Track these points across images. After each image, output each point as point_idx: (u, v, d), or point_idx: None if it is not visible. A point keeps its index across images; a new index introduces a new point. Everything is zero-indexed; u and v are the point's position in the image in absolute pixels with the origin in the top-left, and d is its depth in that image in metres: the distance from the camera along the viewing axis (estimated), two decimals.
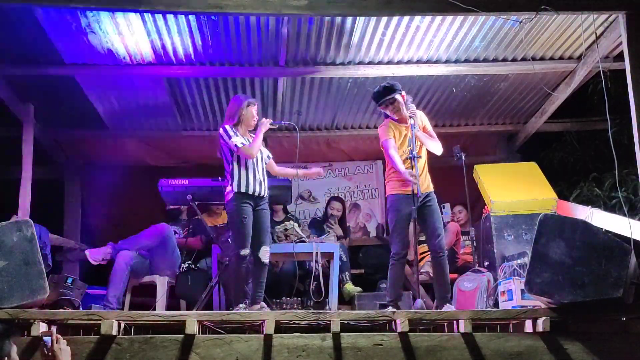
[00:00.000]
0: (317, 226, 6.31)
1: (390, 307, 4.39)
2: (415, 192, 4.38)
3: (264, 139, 4.81)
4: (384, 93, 4.67)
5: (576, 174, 6.90)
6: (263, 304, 4.54)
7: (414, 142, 4.47)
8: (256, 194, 4.56)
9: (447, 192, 6.14)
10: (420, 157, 4.51)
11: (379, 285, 5.89)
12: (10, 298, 3.68)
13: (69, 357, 2.80)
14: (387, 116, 4.77)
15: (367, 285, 6.05)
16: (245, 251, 4.46)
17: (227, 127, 4.62)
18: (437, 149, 4.72)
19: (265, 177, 4.71)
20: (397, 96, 4.65)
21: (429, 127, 4.80)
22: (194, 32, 5.07)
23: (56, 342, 2.74)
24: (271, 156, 4.92)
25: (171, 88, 6.06)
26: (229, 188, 4.56)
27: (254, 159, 4.61)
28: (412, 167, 4.47)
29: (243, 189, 4.52)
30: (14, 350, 2.76)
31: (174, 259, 5.29)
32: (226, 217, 5.09)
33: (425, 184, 4.63)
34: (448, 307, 4.34)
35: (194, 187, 4.79)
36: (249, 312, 4.21)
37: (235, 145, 4.52)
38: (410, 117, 4.60)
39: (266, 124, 4.70)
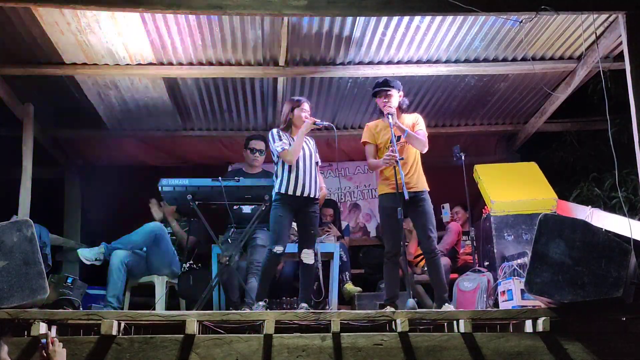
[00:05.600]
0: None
1: (388, 307, 4.38)
2: (401, 190, 4.32)
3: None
4: (382, 84, 4.69)
5: (576, 174, 6.90)
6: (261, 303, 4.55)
7: (394, 144, 4.46)
8: (297, 194, 4.64)
9: (447, 192, 6.14)
10: (402, 158, 4.47)
11: (378, 285, 5.88)
12: (10, 298, 3.69)
13: (64, 359, 2.81)
14: (380, 114, 4.77)
15: (367, 285, 6.06)
16: (279, 248, 4.54)
17: (274, 130, 4.78)
18: (421, 146, 4.64)
19: (315, 180, 4.73)
20: (394, 92, 4.65)
21: (418, 128, 4.69)
22: (194, 32, 5.07)
23: (52, 344, 2.75)
24: (319, 163, 4.94)
25: (171, 88, 6.06)
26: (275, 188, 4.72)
27: (300, 161, 4.68)
28: (396, 171, 4.42)
29: (283, 190, 4.63)
30: (5, 351, 2.77)
31: (171, 258, 5.27)
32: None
33: (414, 183, 4.59)
34: (447, 307, 4.33)
35: (194, 187, 4.79)
36: (249, 312, 4.22)
37: (276, 150, 4.68)
38: (387, 115, 4.54)
39: (308, 125, 4.73)
